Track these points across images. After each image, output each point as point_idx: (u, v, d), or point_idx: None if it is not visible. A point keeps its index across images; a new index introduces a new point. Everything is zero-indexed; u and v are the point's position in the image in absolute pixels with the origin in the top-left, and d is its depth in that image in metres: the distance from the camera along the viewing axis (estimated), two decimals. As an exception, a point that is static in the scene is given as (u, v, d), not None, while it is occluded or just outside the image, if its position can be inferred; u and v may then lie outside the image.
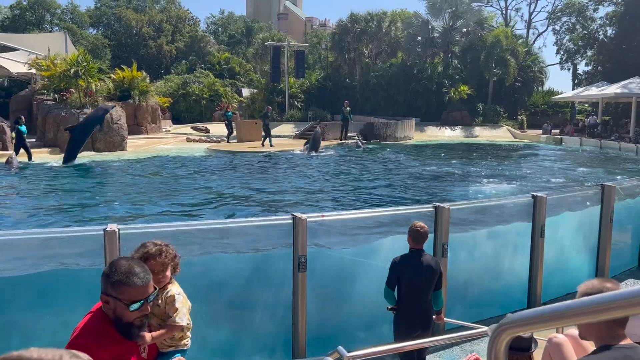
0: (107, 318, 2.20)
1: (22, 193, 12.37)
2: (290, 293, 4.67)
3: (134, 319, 2.17)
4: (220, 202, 11.07)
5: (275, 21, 74.42)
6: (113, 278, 2.14)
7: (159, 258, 2.52)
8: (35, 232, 5.33)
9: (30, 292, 4.18)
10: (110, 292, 2.15)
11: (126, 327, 2.19)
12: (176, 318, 2.40)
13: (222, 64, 48.60)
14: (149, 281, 2.19)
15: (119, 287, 2.13)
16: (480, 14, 41.52)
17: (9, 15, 53.17)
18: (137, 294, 2.14)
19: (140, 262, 2.26)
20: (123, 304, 2.14)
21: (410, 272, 4.13)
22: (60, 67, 22.64)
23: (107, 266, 2.24)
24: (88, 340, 2.11)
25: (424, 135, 33.52)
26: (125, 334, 2.20)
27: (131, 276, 2.14)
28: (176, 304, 2.41)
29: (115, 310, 2.16)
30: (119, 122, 21.72)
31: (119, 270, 2.16)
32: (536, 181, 14.72)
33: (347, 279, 5.33)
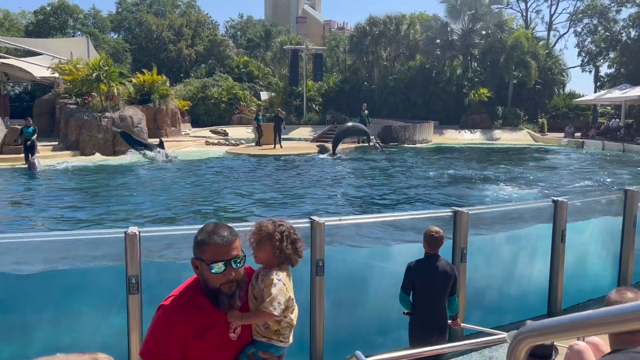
0: (198, 286, 2.11)
1: (44, 195, 12.59)
2: (306, 296, 4.68)
3: (220, 284, 2.05)
4: (244, 205, 11.14)
5: (293, 25, 74.70)
6: (197, 238, 2.08)
7: (257, 232, 2.27)
8: (58, 234, 5.43)
9: (52, 291, 4.25)
10: (196, 255, 2.08)
11: (214, 294, 2.06)
12: (268, 304, 2.14)
13: (240, 68, 48.94)
14: (232, 241, 2.05)
15: (202, 246, 2.05)
16: (500, 16, 41.16)
17: (33, 21, 54.25)
18: (218, 253, 2.02)
19: (229, 226, 2.13)
20: (206, 265, 2.03)
21: (426, 277, 4.12)
22: (82, 71, 23.03)
23: (198, 231, 2.16)
24: (170, 310, 2.04)
25: (443, 139, 33.30)
26: (214, 301, 2.08)
27: (213, 235, 2.04)
28: (272, 289, 2.16)
29: (202, 274, 2.07)
30: (139, 126, 22.00)
31: (204, 230, 2.09)
32: (557, 185, 14.52)
33: (363, 283, 5.32)
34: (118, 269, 3.81)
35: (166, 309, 2.05)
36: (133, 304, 3.67)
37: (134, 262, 3.61)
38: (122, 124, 21.17)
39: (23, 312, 4.04)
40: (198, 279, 2.12)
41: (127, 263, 3.62)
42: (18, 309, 4.06)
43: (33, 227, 9.00)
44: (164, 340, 2.00)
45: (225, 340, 2.11)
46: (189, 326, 2.01)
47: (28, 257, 4.77)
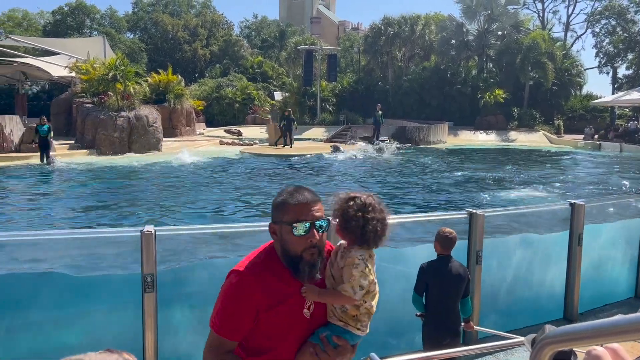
0: (274, 254, 1.93)
1: (59, 193, 12.74)
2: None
3: (302, 249, 1.84)
4: (260, 204, 11.17)
5: (308, 25, 74.76)
6: (278, 199, 1.91)
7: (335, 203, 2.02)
8: (75, 232, 5.48)
9: (69, 289, 4.29)
10: (275, 218, 1.90)
11: (294, 261, 1.86)
12: (347, 286, 1.89)
13: (255, 68, 49.11)
14: (315, 201, 1.87)
15: (283, 206, 1.87)
16: (516, 17, 40.81)
17: (51, 21, 54.98)
18: (302, 212, 1.84)
19: (310, 189, 1.94)
20: (287, 226, 1.84)
21: (439, 278, 4.08)
22: (99, 70, 23.27)
23: (277, 194, 1.99)
24: (243, 276, 1.86)
25: (458, 140, 33.10)
26: (294, 270, 1.87)
27: (295, 194, 1.88)
28: (353, 270, 1.91)
29: (282, 238, 1.87)
30: (154, 125, 22.18)
31: (284, 192, 1.93)
32: (573, 188, 14.35)
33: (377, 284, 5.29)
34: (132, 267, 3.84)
35: (238, 275, 1.87)
36: (148, 302, 3.69)
37: (149, 261, 3.63)
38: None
39: (39, 310, 4.09)
40: (272, 246, 1.94)
41: (142, 261, 3.65)
42: (34, 306, 4.11)
43: (52, 225, 9.11)
44: (235, 310, 1.85)
45: (298, 317, 1.91)
46: (262, 295, 1.84)
47: (44, 255, 4.83)
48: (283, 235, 1.86)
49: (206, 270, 4.69)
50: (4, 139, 19.36)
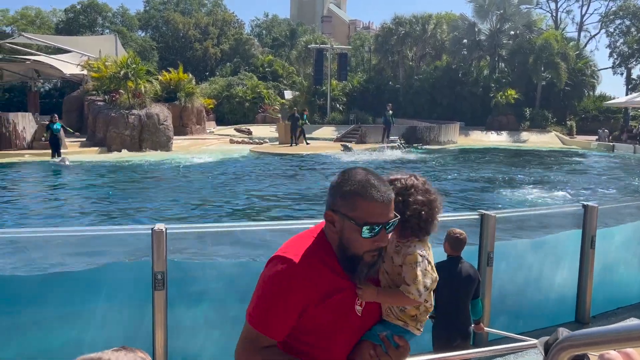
0: (326, 242, 1.67)
1: (72, 189, 12.83)
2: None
3: (364, 251, 1.61)
4: (272, 204, 11.17)
5: (319, 24, 74.71)
6: (345, 187, 1.61)
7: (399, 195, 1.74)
8: (86, 229, 5.51)
9: (79, 288, 4.31)
10: (339, 207, 1.61)
11: (352, 260, 1.63)
12: (412, 288, 1.70)
13: (265, 67, 49.19)
14: (390, 200, 1.61)
15: (352, 199, 1.59)
16: (529, 17, 40.51)
17: (63, 19, 55.42)
18: (375, 212, 1.58)
19: (382, 179, 1.67)
20: (355, 225, 1.58)
21: (449, 279, 4.04)
22: (110, 68, 23.41)
23: (338, 175, 1.70)
24: (295, 266, 1.59)
25: (469, 140, 32.92)
26: (348, 269, 1.64)
27: (370, 188, 1.59)
28: (417, 269, 1.71)
29: (343, 234, 1.62)
30: (165, 123, 22.28)
31: (353, 178, 1.62)
32: (586, 190, 14.22)
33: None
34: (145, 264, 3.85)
35: (286, 263, 1.60)
36: (159, 299, 3.70)
37: (160, 259, 3.64)
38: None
39: (49, 309, 4.11)
40: (323, 232, 1.69)
41: (153, 259, 3.65)
42: (43, 305, 4.13)
43: (63, 222, 9.17)
44: (280, 302, 1.59)
45: (350, 314, 1.68)
46: (313, 288, 1.60)
47: (54, 252, 4.86)
48: (345, 231, 1.61)
49: (215, 269, 4.69)
50: (16, 136, 19.55)
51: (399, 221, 1.68)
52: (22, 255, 4.98)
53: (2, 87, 45.76)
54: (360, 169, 1.67)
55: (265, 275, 1.64)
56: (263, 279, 1.64)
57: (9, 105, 43.37)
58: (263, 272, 1.65)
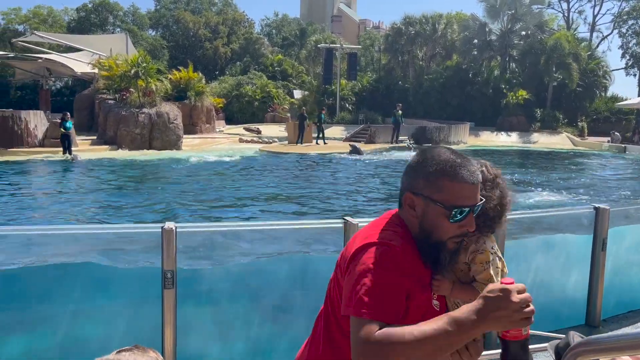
0: (406, 231, 1.51)
1: (84, 186, 12.93)
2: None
3: (449, 237, 1.48)
4: (281, 203, 11.19)
5: (328, 23, 74.71)
6: (430, 167, 1.47)
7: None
8: (94, 227, 5.55)
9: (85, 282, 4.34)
10: (421, 189, 1.48)
11: (435, 248, 1.49)
12: (486, 286, 1.52)
13: (275, 66, 49.26)
14: (479, 181, 1.49)
15: (439, 179, 1.45)
16: (540, 17, 40.26)
17: (75, 17, 55.83)
18: (463, 194, 1.45)
19: (469, 158, 1.53)
20: (441, 208, 1.45)
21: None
22: (121, 67, 23.55)
23: (418, 154, 1.56)
24: (396, 249, 1.42)
25: (479, 140, 32.76)
26: (429, 258, 1.50)
27: (459, 168, 1.45)
28: (490, 269, 1.59)
29: (425, 218, 1.48)
30: (175, 122, 22.37)
31: (438, 157, 1.48)
32: (597, 192, 14.10)
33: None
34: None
35: (389, 247, 1.43)
36: (168, 298, 3.71)
37: (169, 257, 3.65)
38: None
39: (57, 304, 4.14)
40: (400, 219, 1.54)
41: (163, 258, 3.67)
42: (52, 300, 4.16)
43: (73, 219, 9.24)
44: (395, 289, 1.39)
45: (430, 309, 1.55)
46: (415, 278, 1.46)
47: (64, 249, 4.89)
48: (429, 215, 1.47)
49: (223, 268, 4.71)
50: (28, 134, 19.71)
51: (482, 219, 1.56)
52: (32, 252, 5.03)
53: (15, 85, 46.23)
54: (443, 147, 1.55)
55: (366, 263, 1.40)
56: (366, 268, 1.40)
57: (21, 103, 43.83)
58: (360, 262, 1.42)
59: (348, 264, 1.46)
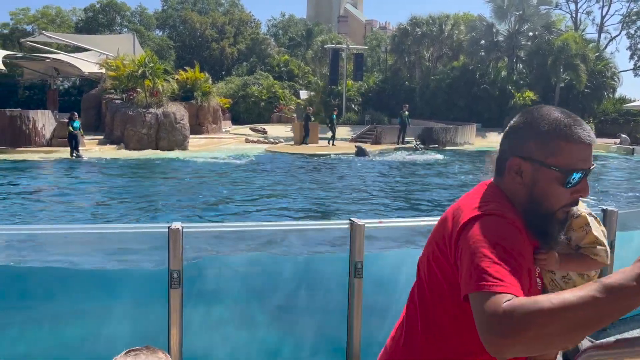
0: (508, 202, 1.37)
1: (88, 187, 12.98)
2: (339, 299, 4.64)
3: (561, 205, 1.34)
4: (288, 204, 11.19)
5: (335, 24, 74.72)
6: (541, 127, 1.32)
7: None
8: (100, 227, 5.56)
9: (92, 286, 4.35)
10: (530, 153, 1.33)
11: (544, 219, 1.35)
12: (597, 249, 1.46)
13: (281, 66, 49.33)
14: (595, 141, 1.37)
15: (553, 141, 1.31)
16: (548, 18, 40.11)
17: (83, 18, 56.14)
18: (580, 156, 1.32)
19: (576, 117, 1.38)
20: (556, 172, 1.31)
21: None
22: (128, 67, 23.64)
23: (522, 115, 1.42)
24: (510, 219, 1.28)
25: (485, 142, 32.63)
26: (538, 230, 1.36)
27: (574, 126, 1.32)
28: (592, 231, 1.46)
29: (536, 185, 1.33)
30: (181, 122, 22.42)
31: (548, 116, 1.34)
32: (605, 194, 14.01)
33: (398, 286, 5.25)
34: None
35: (503, 217, 1.28)
36: (174, 298, 3.71)
37: (176, 257, 3.66)
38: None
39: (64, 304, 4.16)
40: (499, 190, 1.40)
41: (169, 258, 3.67)
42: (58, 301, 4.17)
43: (78, 219, 9.28)
44: (516, 259, 1.21)
45: (533, 286, 1.41)
46: (529, 254, 1.32)
47: (70, 249, 4.91)
48: (540, 182, 1.33)
49: (229, 267, 4.71)
50: (36, 133, 19.83)
51: None
52: (37, 251, 5.05)
53: (23, 85, 46.54)
54: (550, 106, 1.41)
55: (481, 236, 1.25)
56: (482, 240, 1.24)
57: (29, 103, 44.12)
58: (473, 236, 1.26)
59: (457, 241, 1.30)
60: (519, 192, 1.36)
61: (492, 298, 1.12)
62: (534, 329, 1.03)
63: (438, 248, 1.40)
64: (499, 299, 1.11)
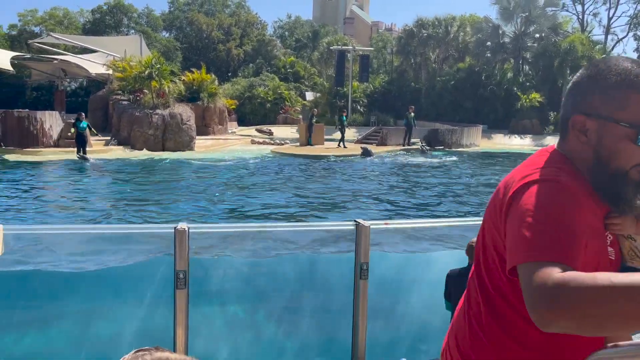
0: (571, 166, 1.28)
1: (97, 186, 13.04)
2: (345, 300, 4.64)
3: (632, 165, 1.22)
4: (295, 205, 11.20)
5: (341, 25, 74.79)
6: (609, 79, 1.21)
7: None
8: (107, 227, 5.58)
9: (99, 287, 4.37)
10: (596, 108, 1.23)
11: (614, 180, 1.23)
12: None
13: (287, 68, 49.39)
14: None
15: (623, 93, 1.19)
16: (554, 19, 39.96)
17: (90, 19, 56.44)
18: None
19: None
20: (626, 128, 1.19)
21: (460, 286, 3.99)
22: (135, 68, 23.74)
23: (587, 67, 1.33)
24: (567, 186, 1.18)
25: (491, 143, 32.55)
26: (608, 193, 1.24)
27: None
28: None
29: (602, 143, 1.23)
30: (188, 123, 22.49)
31: (616, 66, 1.22)
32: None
33: (404, 288, 5.24)
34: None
35: (558, 183, 1.18)
36: (180, 298, 3.72)
37: (182, 258, 3.66)
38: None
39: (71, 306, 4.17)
40: (561, 156, 1.32)
41: (175, 258, 3.68)
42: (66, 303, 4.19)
43: (84, 219, 9.32)
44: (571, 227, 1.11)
45: (604, 258, 1.27)
46: (588, 219, 1.19)
47: (78, 250, 4.93)
48: (607, 139, 1.22)
49: (234, 268, 4.71)
50: (43, 134, 19.94)
51: None
52: (43, 252, 5.07)
53: (30, 85, 46.81)
54: (619, 56, 1.32)
55: (531, 203, 1.15)
56: (532, 208, 1.14)
57: (37, 104, 44.37)
58: (523, 203, 1.17)
59: (507, 209, 1.22)
60: (584, 153, 1.27)
61: (542, 269, 1.03)
62: (584, 308, 0.93)
63: (493, 224, 1.30)
64: (548, 269, 1.02)
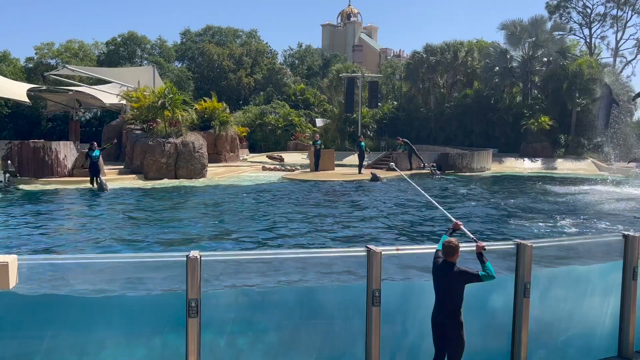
0: None
1: (113, 216, 13.15)
2: (355, 326, 4.62)
3: None
4: (303, 232, 11.20)
5: (350, 53, 75.67)
6: None
7: None
8: (121, 256, 5.64)
9: (111, 315, 4.39)
10: None
11: None
12: None
13: (297, 95, 49.95)
14: None
15: None
16: (562, 43, 40.17)
17: (104, 51, 57.72)
18: None
19: None
20: None
21: (444, 277, 4.46)
22: (148, 98, 24.14)
23: None
24: None
25: (502, 167, 32.45)
26: None
27: None
28: None
29: None
30: (200, 151, 22.72)
31: None
32: (625, 219, 13.77)
33: (413, 312, 5.21)
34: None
35: None
36: (192, 327, 3.74)
37: (194, 286, 3.70)
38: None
39: (84, 334, 4.19)
40: None
41: (187, 287, 3.71)
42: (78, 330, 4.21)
43: (98, 248, 9.38)
44: None
45: None
46: None
47: (92, 279, 4.98)
48: None
49: (246, 296, 4.72)
50: (58, 164, 20.22)
51: None
52: (56, 280, 5.12)
53: (46, 116, 47.73)
54: None
55: None
56: None
57: (52, 134, 45.18)
58: None
59: None
60: None
61: None
62: None
63: None
64: None
